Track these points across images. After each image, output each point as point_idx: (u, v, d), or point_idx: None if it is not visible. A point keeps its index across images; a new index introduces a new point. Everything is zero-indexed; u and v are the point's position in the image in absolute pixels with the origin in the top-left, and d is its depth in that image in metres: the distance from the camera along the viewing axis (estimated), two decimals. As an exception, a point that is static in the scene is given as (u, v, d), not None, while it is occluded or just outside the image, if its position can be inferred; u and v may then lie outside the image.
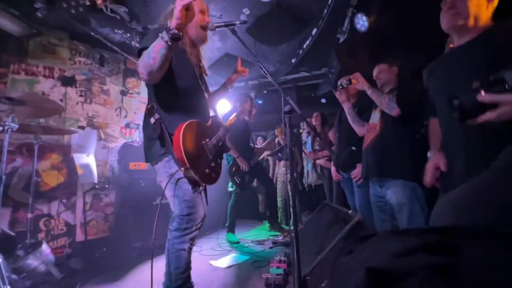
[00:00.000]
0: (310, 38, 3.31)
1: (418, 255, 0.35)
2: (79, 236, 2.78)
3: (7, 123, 1.70)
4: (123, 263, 2.39)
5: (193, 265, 1.43)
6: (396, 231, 0.56)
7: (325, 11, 2.87)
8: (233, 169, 3.20)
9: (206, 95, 1.62)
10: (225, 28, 1.57)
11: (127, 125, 3.42)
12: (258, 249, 2.79)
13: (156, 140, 1.35)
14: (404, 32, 2.40)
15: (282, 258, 2.03)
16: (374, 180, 1.79)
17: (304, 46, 3.50)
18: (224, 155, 3.17)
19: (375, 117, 1.80)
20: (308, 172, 3.89)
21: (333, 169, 2.68)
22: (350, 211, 1.49)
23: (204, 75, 1.68)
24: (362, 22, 2.67)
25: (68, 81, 2.93)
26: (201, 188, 1.44)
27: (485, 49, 1.00)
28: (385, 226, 1.70)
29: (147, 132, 1.43)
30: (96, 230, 2.93)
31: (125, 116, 3.43)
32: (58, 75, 2.89)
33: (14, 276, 1.66)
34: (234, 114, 2.28)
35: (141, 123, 3.56)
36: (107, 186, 2.98)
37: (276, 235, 3.30)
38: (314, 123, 3.70)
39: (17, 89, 2.57)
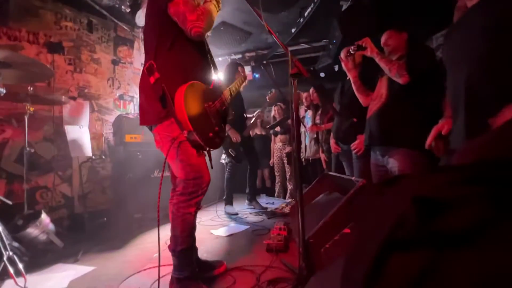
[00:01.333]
0: (312, 4, 3.14)
1: (469, 185, 0.33)
2: (78, 209, 2.78)
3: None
4: (124, 233, 2.41)
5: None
6: (435, 168, 0.54)
7: (329, -26, 2.71)
8: (228, 141, 3.16)
9: (208, 56, 1.54)
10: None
11: (121, 97, 3.29)
12: (257, 220, 2.85)
13: (157, 101, 1.28)
14: None
15: (282, 226, 2.08)
16: (376, 149, 1.78)
17: (305, 14, 3.33)
18: None
19: (382, 85, 1.75)
20: (306, 146, 3.90)
21: (332, 141, 2.67)
22: (353, 178, 1.50)
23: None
24: (368, -14, 2.53)
25: (55, 48, 2.75)
26: (204, 152, 1.41)
27: (494, 10, 0.96)
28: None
29: (146, 92, 1.35)
30: (95, 203, 2.92)
31: (118, 88, 3.29)
32: (44, 41, 2.70)
33: (15, 244, 1.66)
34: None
35: (135, 95, 3.44)
36: (103, 157, 2.92)
37: (275, 208, 3.37)
38: (312, 96, 3.64)
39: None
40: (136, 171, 2.71)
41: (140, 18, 2.80)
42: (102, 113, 3.12)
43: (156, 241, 1.25)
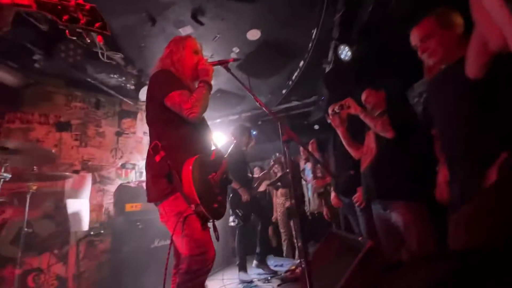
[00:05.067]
0: (298, 70, 3.49)
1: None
2: (72, 290, 2.58)
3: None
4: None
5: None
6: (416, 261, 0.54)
7: (310, 44, 3.08)
8: (235, 201, 3.10)
9: (207, 128, 1.64)
10: (219, 66, 1.66)
11: (123, 166, 3.38)
12: (265, 288, 2.61)
13: (162, 178, 1.32)
14: (384, 57, 2.56)
15: (293, 296, 1.90)
16: (376, 202, 1.76)
17: (293, 77, 3.67)
18: None
19: (370, 139, 1.83)
20: (309, 199, 3.82)
21: (333, 194, 2.64)
22: (360, 238, 1.44)
23: None
24: (345, 52, 2.85)
25: (63, 126, 2.95)
26: (209, 225, 1.39)
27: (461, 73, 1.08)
28: (395, 250, 1.63)
29: (152, 171, 1.40)
30: (90, 282, 2.72)
31: (121, 157, 3.41)
32: (54, 121, 2.91)
33: None
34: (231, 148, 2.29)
35: (137, 162, 3.54)
36: (102, 231, 2.84)
37: (285, 272, 3.11)
38: (311, 150, 3.72)
39: (11, 138, 2.56)
40: (135, 242, 2.60)
41: (143, 94, 3.08)
42: (104, 183, 3.15)
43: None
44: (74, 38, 0.82)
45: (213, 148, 1.63)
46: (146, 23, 2.51)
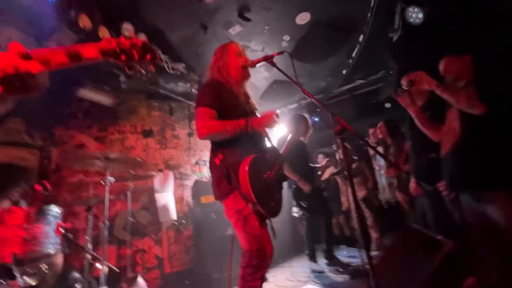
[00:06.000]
0: (358, 45, 3.14)
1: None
2: (167, 268, 3.10)
3: (108, 178, 2.14)
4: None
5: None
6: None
7: (369, 14, 2.71)
8: (298, 193, 3.07)
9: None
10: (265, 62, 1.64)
11: (197, 163, 3.80)
12: (337, 280, 2.54)
13: (223, 178, 1.43)
14: (466, 15, 2.02)
15: (365, 292, 1.79)
16: (464, 193, 1.45)
17: (353, 54, 3.32)
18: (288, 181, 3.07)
19: (452, 117, 1.51)
20: (383, 187, 3.46)
21: (412, 181, 2.33)
22: (439, 237, 1.24)
23: (255, 110, 1.75)
24: (415, 14, 2.40)
25: (147, 133, 3.51)
26: (267, 222, 1.45)
27: None
28: (490, 255, 1.32)
29: (214, 172, 1.53)
30: (180, 262, 3.22)
31: (194, 155, 3.83)
32: (140, 130, 3.48)
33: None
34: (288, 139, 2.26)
35: (207, 159, 3.91)
36: (184, 221, 3.29)
37: (360, 264, 2.95)
38: (380, 135, 3.32)
39: (113, 147, 3.21)
40: (211, 230, 2.92)
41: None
42: (183, 179, 3.62)
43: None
44: (132, 72, 0.94)
45: (268, 145, 1.65)
46: (200, 31, 2.69)
